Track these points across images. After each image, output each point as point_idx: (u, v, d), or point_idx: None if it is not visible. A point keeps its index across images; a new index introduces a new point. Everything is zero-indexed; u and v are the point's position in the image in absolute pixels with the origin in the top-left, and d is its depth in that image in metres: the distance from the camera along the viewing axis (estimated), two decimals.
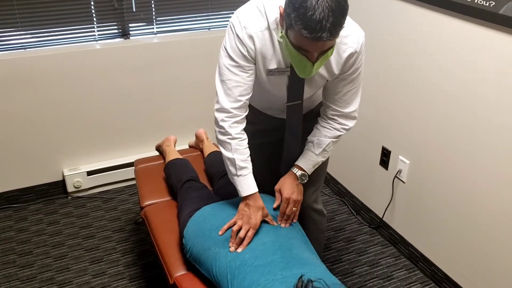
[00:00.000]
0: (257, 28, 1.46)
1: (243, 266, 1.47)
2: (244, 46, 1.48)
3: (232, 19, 1.50)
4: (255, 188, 1.63)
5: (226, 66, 1.52)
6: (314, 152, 1.73)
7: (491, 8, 1.77)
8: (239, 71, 1.51)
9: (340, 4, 1.27)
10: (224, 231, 1.61)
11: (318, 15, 1.24)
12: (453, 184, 2.13)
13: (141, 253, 2.48)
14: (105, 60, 2.69)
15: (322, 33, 1.27)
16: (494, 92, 1.86)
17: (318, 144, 1.72)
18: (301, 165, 1.75)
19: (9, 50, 2.55)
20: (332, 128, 1.71)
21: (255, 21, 1.46)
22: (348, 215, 2.83)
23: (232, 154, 1.59)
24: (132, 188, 2.98)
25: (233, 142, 1.58)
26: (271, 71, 1.54)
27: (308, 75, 1.43)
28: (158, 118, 2.97)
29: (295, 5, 1.27)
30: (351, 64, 1.56)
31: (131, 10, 2.72)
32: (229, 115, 1.56)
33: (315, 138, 1.73)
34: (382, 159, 2.54)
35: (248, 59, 1.50)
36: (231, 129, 1.57)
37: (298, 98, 1.64)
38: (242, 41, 1.47)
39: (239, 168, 1.60)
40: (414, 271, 2.43)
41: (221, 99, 1.55)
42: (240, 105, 1.55)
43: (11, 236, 2.57)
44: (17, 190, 2.79)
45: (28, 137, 2.69)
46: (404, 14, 2.20)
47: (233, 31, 1.48)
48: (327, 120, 1.72)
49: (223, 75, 1.53)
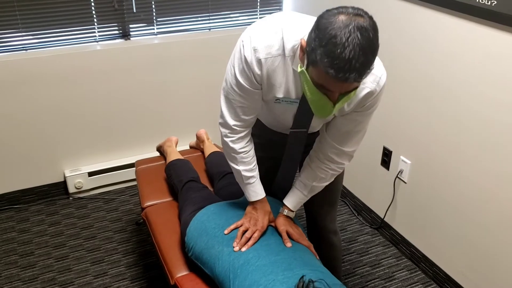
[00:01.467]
0: (269, 54, 1.34)
1: (246, 265, 1.47)
2: (250, 71, 1.36)
3: (243, 36, 1.38)
4: (263, 194, 1.63)
5: (232, 85, 1.42)
6: (307, 196, 1.65)
7: (493, 7, 1.77)
8: (245, 94, 1.42)
9: (372, 42, 1.13)
10: (230, 231, 1.60)
11: (348, 54, 1.10)
12: (455, 184, 2.13)
13: (142, 254, 2.48)
14: (106, 61, 2.70)
15: (350, 74, 1.13)
16: (496, 92, 1.85)
17: (312, 191, 1.64)
18: (290, 207, 1.66)
19: (10, 52, 2.56)
20: (328, 170, 1.59)
21: (269, 46, 1.33)
22: (349, 216, 2.83)
23: (238, 166, 1.58)
24: (133, 189, 2.98)
25: (238, 156, 1.56)
26: (278, 99, 1.44)
27: (327, 115, 1.29)
28: (159, 118, 2.97)
29: (322, 40, 1.13)
30: (366, 104, 1.43)
31: (131, 11, 2.73)
32: (232, 132, 1.52)
33: (310, 184, 1.61)
34: (383, 159, 2.54)
35: (253, 83, 1.40)
36: (235, 145, 1.54)
37: (303, 127, 1.55)
38: (250, 65, 1.35)
39: (245, 178, 1.60)
40: (415, 271, 2.42)
41: (225, 116, 1.49)
42: (244, 124, 1.50)
43: (13, 237, 2.57)
44: (18, 191, 2.79)
45: (29, 138, 2.69)
46: (406, 14, 2.20)
47: (241, 51, 1.36)
48: (323, 161, 1.58)
49: (228, 93, 1.45)
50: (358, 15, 1.14)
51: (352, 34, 1.11)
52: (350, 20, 1.12)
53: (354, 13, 1.14)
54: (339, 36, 1.11)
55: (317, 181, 1.62)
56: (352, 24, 1.11)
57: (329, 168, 1.59)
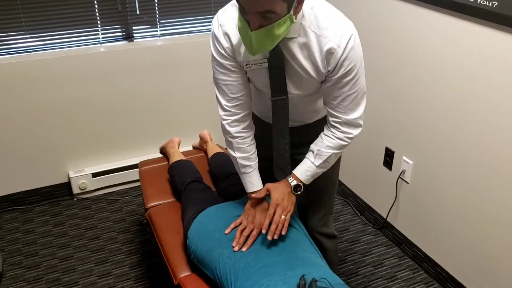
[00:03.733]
0: (232, 23, 1.45)
1: (247, 268, 1.47)
2: (220, 44, 1.49)
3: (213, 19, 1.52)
4: (259, 185, 1.64)
5: (213, 66, 1.55)
6: (314, 163, 1.60)
7: (494, 8, 1.77)
8: (224, 70, 1.52)
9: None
10: (230, 230, 1.62)
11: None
12: (457, 184, 2.13)
13: (146, 254, 2.49)
14: (110, 62, 2.71)
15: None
16: (499, 93, 1.86)
17: (319, 155, 1.59)
18: (297, 175, 1.61)
19: (14, 54, 2.57)
20: (335, 137, 1.58)
21: (231, 18, 1.46)
22: (352, 216, 2.83)
23: (234, 153, 1.62)
24: (136, 190, 2.99)
25: (234, 141, 1.60)
26: (248, 64, 1.49)
27: (252, 49, 1.34)
28: (162, 120, 2.98)
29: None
30: (338, 64, 1.42)
31: (134, 13, 2.74)
32: (227, 114, 1.57)
33: (316, 148, 1.60)
34: (386, 159, 2.55)
35: (226, 57, 1.50)
36: (231, 128, 1.58)
37: (283, 93, 1.54)
38: (219, 40, 1.48)
39: (241, 166, 1.62)
40: (418, 271, 2.43)
41: (218, 96, 1.58)
42: (235, 104, 1.55)
43: (18, 237, 2.59)
44: (23, 192, 2.81)
45: (33, 140, 2.71)
46: (407, 15, 2.20)
47: (212, 31, 1.52)
48: (330, 128, 1.59)
49: (214, 75, 1.56)
50: None
51: None
52: None
53: None
54: None
55: (324, 147, 1.59)
56: None
57: (335, 137, 1.58)
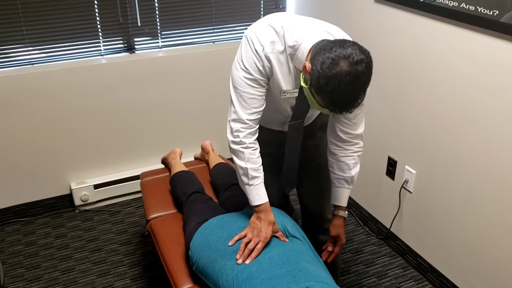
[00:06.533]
0: (274, 49, 1.50)
1: (250, 279, 1.46)
2: (261, 61, 1.51)
3: (249, 33, 1.53)
4: (266, 198, 1.64)
5: (242, 78, 1.54)
6: (349, 188, 1.80)
7: (495, 17, 1.78)
8: (254, 84, 1.54)
9: (366, 84, 1.35)
10: (234, 242, 1.60)
11: (346, 98, 1.34)
12: (461, 193, 2.12)
13: (148, 266, 2.47)
14: (111, 74, 2.72)
15: (346, 110, 1.38)
16: (499, 101, 1.85)
17: (353, 178, 1.78)
18: (343, 204, 1.82)
19: (16, 66, 2.59)
20: (354, 153, 1.74)
21: (272, 42, 1.49)
22: (355, 226, 2.82)
23: (245, 164, 1.61)
24: (138, 201, 2.98)
25: (246, 151, 1.60)
26: (284, 92, 1.59)
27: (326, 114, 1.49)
28: (163, 131, 2.98)
29: (327, 86, 1.32)
30: None
31: (136, 24, 2.76)
32: (245, 126, 1.59)
33: (349, 176, 1.77)
34: (389, 169, 2.54)
35: (263, 73, 1.53)
36: (246, 139, 1.59)
37: (301, 118, 1.72)
38: (260, 57, 1.50)
39: (251, 178, 1.61)
40: (422, 282, 2.41)
41: (238, 110, 1.57)
42: (255, 117, 1.59)
43: (19, 249, 2.58)
44: (24, 204, 2.81)
45: (35, 151, 2.71)
46: (408, 24, 2.21)
47: (250, 46, 1.51)
48: (345, 148, 1.74)
49: (239, 87, 1.55)
50: (357, 63, 1.30)
51: (352, 84, 1.31)
52: (351, 69, 1.30)
53: (354, 62, 1.30)
54: (342, 84, 1.30)
55: (353, 167, 1.76)
56: (352, 73, 1.30)
57: (352, 151, 1.74)
